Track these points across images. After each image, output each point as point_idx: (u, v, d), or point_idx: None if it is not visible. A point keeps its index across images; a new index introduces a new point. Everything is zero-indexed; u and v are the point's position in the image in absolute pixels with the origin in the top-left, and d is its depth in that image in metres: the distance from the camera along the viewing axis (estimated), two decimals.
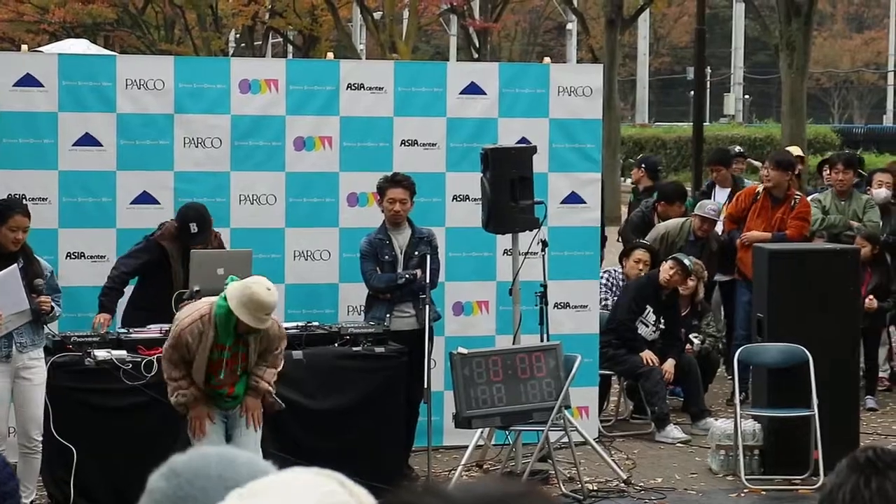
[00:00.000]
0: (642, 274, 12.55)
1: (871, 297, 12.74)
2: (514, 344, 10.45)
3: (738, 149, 16.66)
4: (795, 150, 15.90)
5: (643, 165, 15.93)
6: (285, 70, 11.33)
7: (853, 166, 13.93)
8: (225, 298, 8.28)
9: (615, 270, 13.04)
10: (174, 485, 1.97)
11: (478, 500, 1.65)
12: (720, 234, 13.44)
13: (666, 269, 12.13)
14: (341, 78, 11.26)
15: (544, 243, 10.59)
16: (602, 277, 12.62)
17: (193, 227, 10.04)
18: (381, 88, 11.31)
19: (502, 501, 1.64)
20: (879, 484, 1.77)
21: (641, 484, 10.43)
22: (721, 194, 14.00)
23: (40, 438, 9.03)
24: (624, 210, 24.21)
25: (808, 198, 13.60)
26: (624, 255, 13.15)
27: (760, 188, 13.24)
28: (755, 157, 17.10)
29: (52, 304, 9.04)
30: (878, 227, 13.42)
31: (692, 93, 33.89)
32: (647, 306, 12.14)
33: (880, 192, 14.06)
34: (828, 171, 14.83)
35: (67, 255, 10.71)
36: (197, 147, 10.95)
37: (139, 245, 10.23)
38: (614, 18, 32.25)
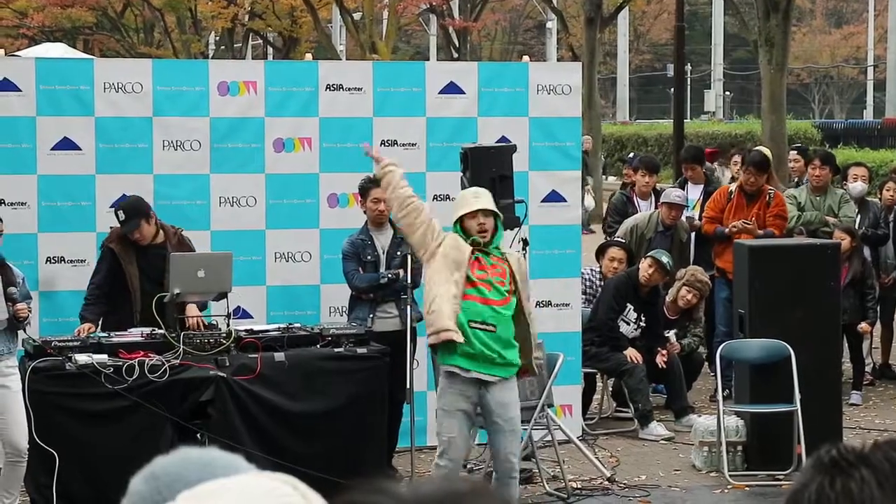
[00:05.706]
0: (618, 272, 12.53)
1: (862, 326, 12.96)
2: None
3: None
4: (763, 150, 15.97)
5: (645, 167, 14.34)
6: (264, 72, 11.30)
7: (830, 162, 13.92)
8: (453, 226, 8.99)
9: (591, 270, 12.97)
10: (152, 488, 1.97)
11: (425, 498, 1.64)
12: (694, 224, 13.46)
13: (645, 268, 12.13)
14: (320, 79, 11.23)
15: (525, 242, 10.57)
16: None
17: (120, 215, 9.98)
18: (359, 89, 11.29)
19: (449, 499, 1.64)
20: (844, 483, 1.77)
21: (625, 481, 10.43)
22: (694, 191, 13.98)
23: (27, 446, 8.88)
24: (605, 208, 24.23)
25: (784, 194, 13.60)
26: (599, 253, 13.12)
27: (733, 187, 13.24)
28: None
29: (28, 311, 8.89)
30: (854, 222, 13.44)
31: (672, 90, 33.94)
32: (628, 304, 12.14)
33: (856, 186, 14.09)
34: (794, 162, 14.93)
35: (47, 260, 10.66)
36: (176, 150, 10.91)
37: (98, 256, 10.23)
38: (594, 16, 32.24)
